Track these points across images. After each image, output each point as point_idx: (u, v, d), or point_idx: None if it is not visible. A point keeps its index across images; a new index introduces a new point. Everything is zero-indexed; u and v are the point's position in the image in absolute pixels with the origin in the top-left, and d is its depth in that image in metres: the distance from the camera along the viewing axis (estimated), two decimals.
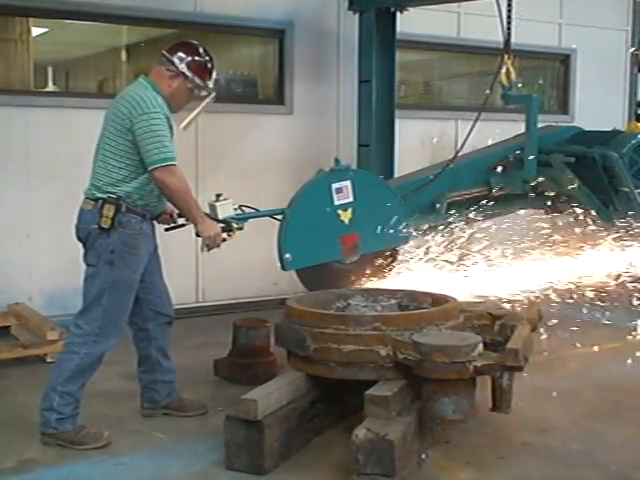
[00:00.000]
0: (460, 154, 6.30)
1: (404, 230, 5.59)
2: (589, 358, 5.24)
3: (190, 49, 4.08)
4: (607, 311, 6.17)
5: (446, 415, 3.53)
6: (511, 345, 3.71)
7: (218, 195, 4.43)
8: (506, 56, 5.97)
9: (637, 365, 5.28)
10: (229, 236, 4.24)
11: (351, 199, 5.31)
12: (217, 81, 4.27)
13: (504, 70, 5.99)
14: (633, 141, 6.37)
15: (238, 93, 7.27)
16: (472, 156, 6.61)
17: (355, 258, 5.61)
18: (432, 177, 6.12)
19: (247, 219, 4.68)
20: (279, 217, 5.17)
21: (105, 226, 3.86)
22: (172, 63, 4.02)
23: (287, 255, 5.12)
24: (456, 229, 5.91)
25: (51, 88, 6.85)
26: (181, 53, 4.03)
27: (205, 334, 6.08)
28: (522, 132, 6.41)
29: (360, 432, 3.38)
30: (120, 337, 4.04)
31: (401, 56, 7.14)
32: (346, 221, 5.31)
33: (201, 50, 4.11)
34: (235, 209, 4.51)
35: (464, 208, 6.22)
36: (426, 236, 5.85)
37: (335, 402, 4.03)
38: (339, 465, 3.64)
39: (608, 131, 6.77)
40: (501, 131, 6.85)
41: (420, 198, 6.04)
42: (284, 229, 5.12)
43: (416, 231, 5.83)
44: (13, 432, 4.09)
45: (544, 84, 9.07)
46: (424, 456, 3.70)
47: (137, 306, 4.13)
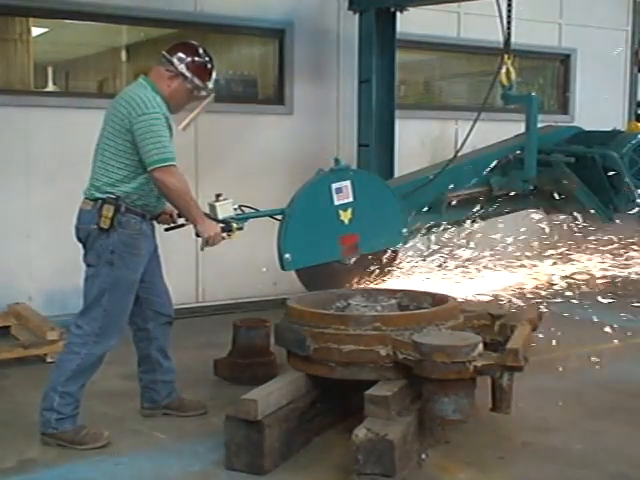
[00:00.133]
0: (460, 154, 6.30)
1: (404, 230, 5.60)
2: (589, 358, 5.24)
3: (190, 50, 4.08)
4: (607, 311, 6.17)
5: (446, 415, 3.53)
6: (511, 345, 3.72)
7: (218, 195, 4.42)
8: (506, 56, 5.97)
9: (637, 365, 5.29)
10: (229, 236, 4.24)
11: (351, 199, 5.31)
12: (217, 81, 4.26)
13: (504, 70, 5.99)
14: (633, 141, 6.37)
15: (238, 93, 7.26)
16: (472, 156, 6.61)
17: (355, 258, 5.60)
18: (432, 177, 6.12)
19: (247, 219, 4.68)
20: (279, 217, 5.17)
21: (104, 226, 3.86)
22: (171, 63, 4.01)
23: (287, 255, 5.13)
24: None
25: (51, 88, 6.85)
26: (180, 54, 4.03)
27: (205, 334, 6.07)
28: (522, 132, 6.41)
29: (360, 432, 3.38)
30: (121, 337, 4.04)
31: (401, 56, 7.14)
32: (346, 221, 5.31)
33: (201, 51, 4.10)
34: (235, 209, 4.50)
35: (464, 208, 6.22)
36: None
37: (335, 402, 4.03)
38: (339, 465, 3.64)
39: (608, 131, 6.77)
40: (501, 131, 6.86)
41: (420, 198, 6.04)
42: (284, 229, 5.12)
43: (416, 231, 5.84)
44: (13, 432, 4.10)
45: (544, 84, 9.08)
46: (424, 456, 3.70)
47: (137, 306, 4.13)
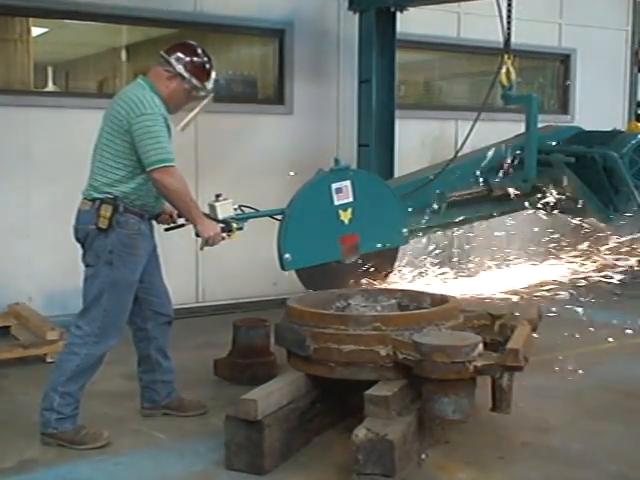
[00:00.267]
0: (460, 154, 6.30)
1: (404, 230, 5.59)
2: (589, 358, 5.24)
3: (188, 50, 4.06)
4: (607, 310, 6.18)
5: (446, 415, 3.53)
6: (511, 345, 3.71)
7: (218, 195, 4.42)
8: (506, 56, 5.96)
9: (637, 365, 5.29)
10: (229, 236, 4.24)
11: (351, 199, 5.30)
12: (217, 81, 4.25)
13: (504, 70, 5.98)
14: (633, 141, 6.35)
15: (238, 93, 7.26)
16: (472, 156, 6.60)
17: (355, 258, 5.60)
18: (432, 177, 6.12)
19: (247, 219, 4.68)
20: (279, 217, 5.16)
21: (103, 226, 3.86)
22: (169, 64, 4.00)
23: (287, 255, 5.12)
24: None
25: (51, 88, 6.85)
26: (179, 54, 4.02)
27: (205, 334, 6.07)
28: (522, 132, 6.41)
29: (360, 432, 3.38)
30: (120, 337, 4.04)
31: (401, 56, 7.13)
32: (346, 221, 5.30)
33: (199, 51, 4.09)
34: (235, 209, 4.50)
35: (464, 208, 6.21)
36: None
37: (335, 402, 4.03)
38: (339, 465, 3.64)
39: (608, 131, 6.76)
40: (501, 131, 6.85)
41: (420, 198, 6.03)
42: (284, 229, 5.11)
43: (416, 231, 5.83)
44: (13, 432, 4.10)
45: (544, 84, 9.08)
46: (424, 456, 3.70)
47: (136, 306, 4.13)
